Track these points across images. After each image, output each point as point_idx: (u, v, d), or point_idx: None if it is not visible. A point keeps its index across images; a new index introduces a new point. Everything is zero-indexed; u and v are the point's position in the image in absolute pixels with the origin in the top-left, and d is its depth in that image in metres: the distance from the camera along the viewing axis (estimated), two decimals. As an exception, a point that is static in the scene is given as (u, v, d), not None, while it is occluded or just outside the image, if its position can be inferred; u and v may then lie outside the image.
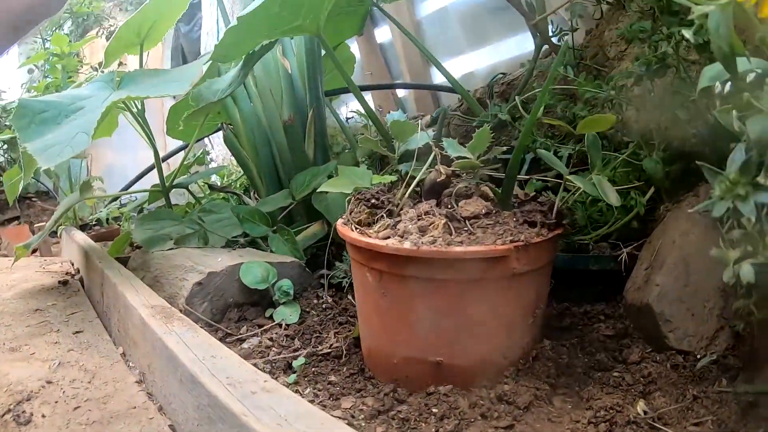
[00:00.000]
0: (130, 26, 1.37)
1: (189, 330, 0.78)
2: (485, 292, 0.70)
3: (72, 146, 1.01)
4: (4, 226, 3.33)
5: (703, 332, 0.73)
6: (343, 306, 1.05)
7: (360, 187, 0.92)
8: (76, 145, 1.01)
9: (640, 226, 0.89)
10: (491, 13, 1.85)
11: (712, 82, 0.56)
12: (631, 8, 0.94)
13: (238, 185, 2.04)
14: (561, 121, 0.86)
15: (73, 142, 1.02)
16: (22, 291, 1.36)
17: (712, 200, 0.49)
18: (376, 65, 2.34)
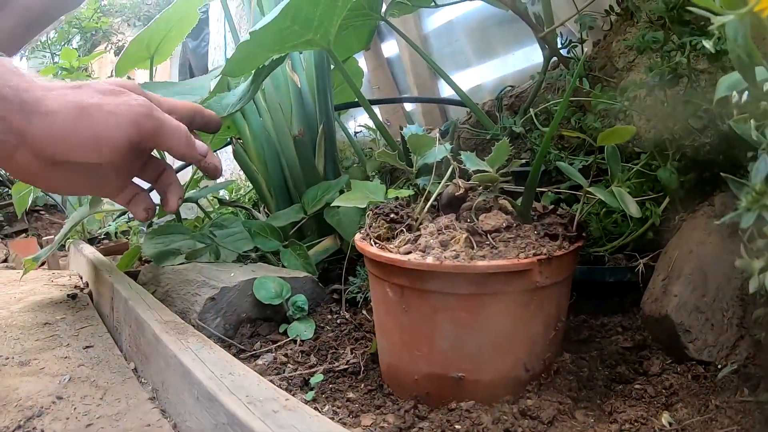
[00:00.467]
0: (140, 41, 1.38)
1: (204, 346, 0.77)
2: (508, 305, 0.69)
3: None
4: (12, 238, 3.34)
5: (723, 342, 0.72)
6: (359, 321, 1.05)
7: (374, 201, 0.91)
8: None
9: (656, 236, 0.88)
10: (498, 25, 1.86)
11: (729, 92, 0.56)
12: (640, 19, 0.94)
13: (247, 200, 2.04)
14: (578, 133, 0.86)
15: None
16: (30, 304, 1.35)
17: (739, 211, 0.48)
18: (384, 79, 2.35)
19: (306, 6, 1.02)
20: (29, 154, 0.61)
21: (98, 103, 0.61)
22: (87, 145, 0.61)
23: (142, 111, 0.63)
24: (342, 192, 1.27)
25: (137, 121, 0.63)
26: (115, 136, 0.62)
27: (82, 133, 0.60)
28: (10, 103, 0.58)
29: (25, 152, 0.61)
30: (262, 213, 1.65)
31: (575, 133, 0.86)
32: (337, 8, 1.07)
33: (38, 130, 0.59)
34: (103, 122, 0.61)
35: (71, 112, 0.60)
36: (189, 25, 1.44)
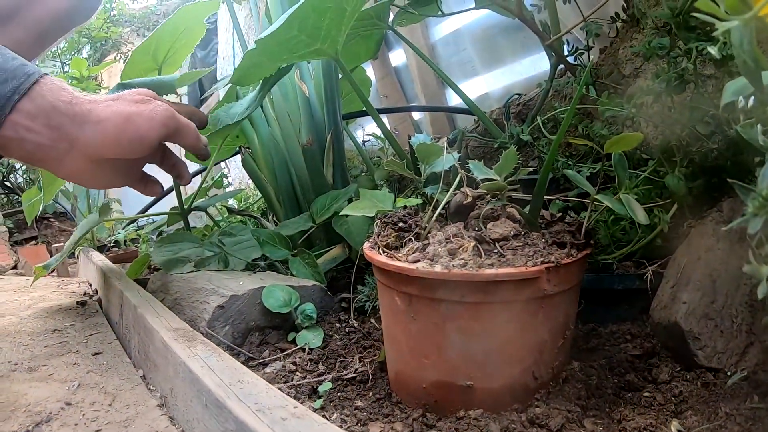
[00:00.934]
0: (145, 51, 1.39)
1: (213, 354, 0.78)
2: (516, 313, 0.69)
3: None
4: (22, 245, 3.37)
5: (733, 348, 0.71)
6: (367, 330, 1.05)
7: (383, 210, 0.91)
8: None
9: (664, 243, 0.88)
10: (505, 34, 1.87)
11: (735, 97, 0.56)
12: (647, 25, 0.94)
13: (255, 208, 2.05)
14: (586, 140, 0.86)
15: None
16: (40, 310, 1.36)
17: (746, 217, 0.48)
18: (391, 88, 2.35)
19: (313, 15, 1.03)
20: (80, 156, 0.73)
21: (137, 111, 0.76)
22: (133, 144, 0.75)
23: (168, 114, 0.79)
24: (350, 201, 1.28)
25: (166, 123, 0.78)
26: (152, 136, 0.77)
27: (129, 135, 0.74)
28: (64, 115, 0.71)
29: (76, 155, 0.73)
30: (270, 222, 1.65)
31: (583, 141, 0.86)
32: (345, 18, 1.08)
33: (91, 136, 0.72)
34: (144, 126, 0.76)
35: (119, 120, 0.74)
36: (197, 35, 1.45)
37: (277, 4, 1.42)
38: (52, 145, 0.72)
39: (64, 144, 0.72)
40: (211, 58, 4.15)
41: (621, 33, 1.12)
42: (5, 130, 0.69)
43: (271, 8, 1.45)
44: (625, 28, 1.10)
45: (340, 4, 1.04)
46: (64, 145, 0.72)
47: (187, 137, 0.84)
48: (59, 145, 0.72)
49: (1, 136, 0.69)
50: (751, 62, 0.45)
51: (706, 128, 0.77)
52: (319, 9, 1.02)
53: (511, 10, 1.16)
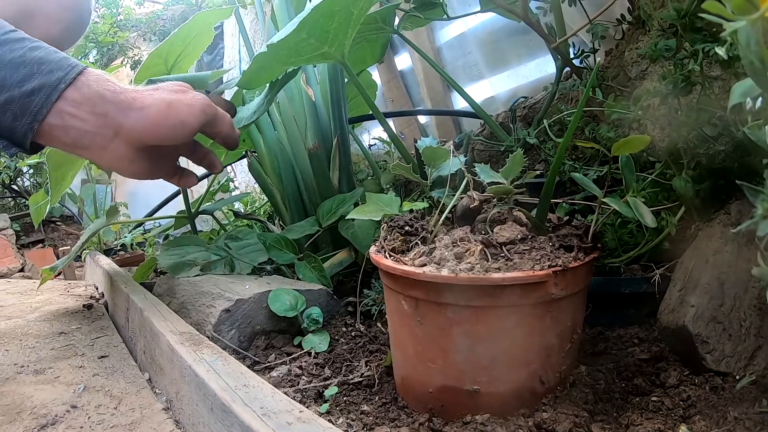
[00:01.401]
0: (158, 55, 1.39)
1: (219, 358, 0.78)
2: (523, 317, 0.69)
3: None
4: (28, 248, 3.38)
5: (741, 352, 0.71)
6: (373, 334, 1.05)
7: (389, 214, 0.91)
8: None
9: (672, 246, 0.88)
10: (511, 37, 1.86)
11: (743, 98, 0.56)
12: (652, 27, 0.93)
13: (261, 212, 2.05)
14: (592, 143, 0.85)
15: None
16: (46, 313, 1.36)
17: (755, 219, 0.48)
18: (397, 92, 2.35)
19: (322, 19, 1.03)
20: (123, 143, 0.76)
21: (178, 99, 0.79)
22: (175, 129, 0.78)
23: (206, 102, 0.82)
24: (357, 205, 1.28)
25: (205, 110, 0.81)
26: (193, 122, 0.79)
27: (171, 120, 0.77)
28: (110, 103, 0.74)
29: (120, 142, 0.76)
30: (276, 226, 1.65)
31: (589, 144, 0.86)
32: (352, 22, 1.08)
33: (136, 122, 0.75)
34: (185, 112, 0.78)
35: (162, 106, 0.77)
36: (206, 41, 1.46)
37: (283, 9, 1.42)
38: (98, 131, 0.74)
39: (109, 131, 0.75)
40: (217, 62, 4.16)
41: (627, 35, 1.11)
42: (51, 118, 0.72)
43: (277, 13, 1.45)
44: (631, 30, 1.09)
45: (347, 7, 1.04)
46: (109, 132, 0.75)
47: (223, 125, 0.87)
48: (104, 132, 0.75)
49: (46, 123, 0.72)
50: (759, 63, 0.45)
51: (713, 130, 0.77)
52: (328, 12, 1.02)
53: (517, 13, 1.16)
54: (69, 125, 0.73)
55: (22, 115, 0.71)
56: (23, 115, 0.71)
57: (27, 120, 0.71)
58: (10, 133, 0.73)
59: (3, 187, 3.91)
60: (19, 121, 0.71)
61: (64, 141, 0.74)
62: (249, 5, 2.01)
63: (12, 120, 0.71)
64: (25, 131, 0.72)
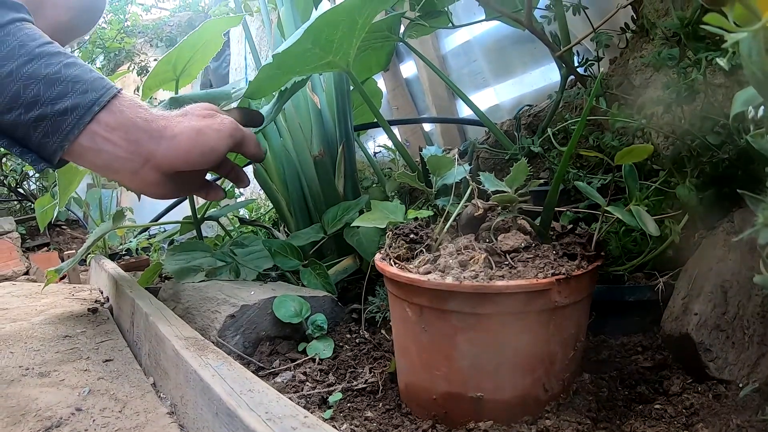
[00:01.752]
0: (167, 62, 1.41)
1: (224, 363, 0.78)
2: (527, 325, 0.69)
3: None
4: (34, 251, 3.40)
5: (745, 360, 0.71)
6: (377, 341, 1.05)
7: (394, 221, 0.91)
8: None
9: (676, 254, 0.88)
10: (515, 45, 1.87)
11: (745, 107, 0.56)
12: (656, 35, 0.94)
13: (266, 219, 2.06)
14: (596, 152, 0.86)
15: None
16: (51, 316, 1.37)
17: (756, 227, 0.48)
18: (402, 100, 2.36)
19: (327, 28, 1.04)
20: (154, 170, 0.78)
21: (206, 125, 0.81)
22: (205, 155, 0.80)
23: (233, 126, 0.84)
24: (362, 212, 1.28)
25: (233, 135, 0.83)
26: (222, 147, 0.82)
27: (201, 148, 0.79)
28: (143, 131, 0.75)
29: (150, 169, 0.78)
30: (281, 232, 1.66)
31: (593, 153, 0.86)
32: (356, 30, 1.09)
33: (166, 150, 0.77)
34: (214, 138, 0.81)
35: (192, 134, 0.79)
36: (214, 49, 1.47)
37: (289, 17, 1.43)
38: (129, 158, 0.76)
39: (140, 158, 0.76)
40: (223, 69, 4.18)
41: (631, 43, 1.12)
42: (83, 139, 0.73)
43: (283, 21, 1.46)
44: (635, 38, 1.10)
45: (351, 16, 1.05)
46: (140, 159, 0.77)
47: (249, 146, 0.89)
48: (136, 159, 0.76)
49: (78, 144, 0.73)
50: (760, 73, 0.45)
51: (717, 138, 0.77)
52: (332, 22, 1.03)
53: (521, 21, 1.16)
54: (101, 149, 0.74)
55: (53, 134, 0.72)
56: (54, 134, 0.72)
57: (58, 139, 0.72)
58: (38, 149, 0.73)
59: (9, 190, 3.94)
60: (49, 138, 0.72)
61: (95, 163, 0.76)
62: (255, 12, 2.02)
63: (42, 137, 0.72)
64: (55, 149, 0.72)
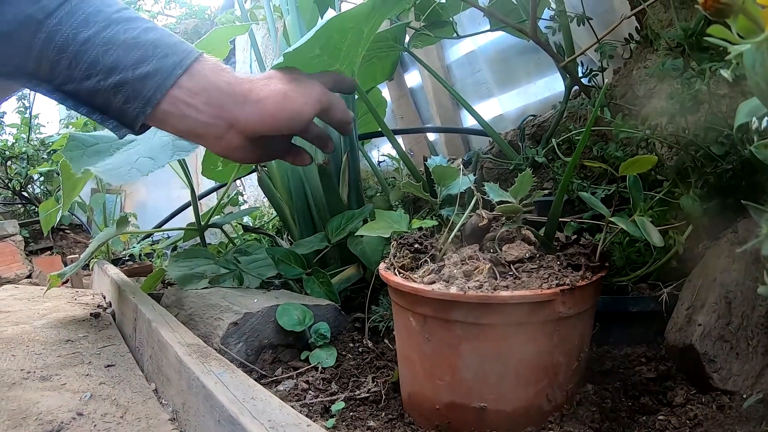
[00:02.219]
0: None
1: (227, 370, 0.78)
2: (531, 336, 0.69)
3: (137, 168, 1.06)
4: (37, 255, 3.40)
5: (749, 371, 0.71)
6: (380, 350, 1.05)
7: (398, 231, 0.91)
8: (141, 168, 1.07)
9: (680, 265, 0.88)
10: (520, 55, 1.88)
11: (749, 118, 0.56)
12: (660, 46, 0.94)
13: (270, 227, 2.06)
14: (600, 163, 0.86)
15: (138, 165, 1.08)
16: (53, 320, 1.37)
17: (760, 238, 0.48)
18: (407, 109, 2.37)
19: (336, 35, 1.04)
20: (238, 134, 0.76)
21: (292, 89, 0.78)
22: (291, 120, 0.78)
23: (321, 91, 0.81)
24: (366, 221, 1.28)
25: (320, 100, 0.80)
26: (309, 112, 0.79)
27: (287, 113, 0.77)
28: (226, 95, 0.74)
29: (234, 133, 0.76)
30: (285, 240, 1.66)
31: (597, 163, 0.87)
32: (362, 40, 1.09)
33: (251, 115, 0.75)
34: (300, 102, 0.78)
35: (277, 98, 0.76)
36: (220, 56, 1.47)
37: (296, 26, 1.44)
38: (212, 122, 0.74)
39: (224, 122, 0.75)
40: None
41: (635, 54, 1.12)
42: (165, 105, 0.71)
43: (289, 29, 1.47)
44: (639, 49, 1.10)
45: (359, 25, 1.05)
46: (224, 124, 0.75)
47: (336, 112, 0.85)
48: (219, 123, 0.75)
49: (160, 110, 0.71)
50: (764, 84, 0.45)
51: (721, 149, 0.77)
52: (341, 30, 1.03)
53: (526, 32, 1.17)
54: (184, 114, 0.72)
55: (134, 99, 0.70)
56: (135, 100, 0.70)
57: (139, 104, 0.70)
58: (119, 114, 0.72)
59: (14, 193, 3.96)
60: (130, 104, 0.70)
61: (178, 128, 0.74)
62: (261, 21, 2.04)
63: (123, 102, 0.70)
64: (136, 115, 0.71)
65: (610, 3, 1.40)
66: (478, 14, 1.32)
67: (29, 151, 3.87)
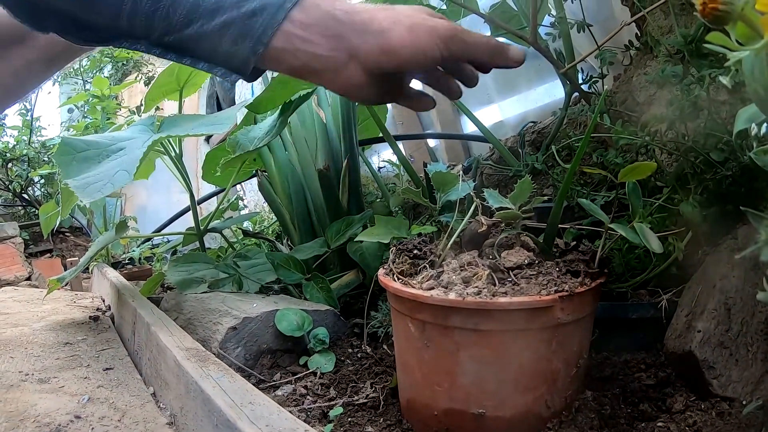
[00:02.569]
0: (170, 73, 1.42)
1: (225, 374, 0.78)
2: (530, 342, 0.69)
3: (112, 183, 1.04)
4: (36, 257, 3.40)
5: (748, 377, 0.71)
6: (379, 356, 1.04)
7: (398, 237, 0.92)
8: (116, 182, 1.05)
9: (679, 271, 0.87)
10: (520, 62, 1.87)
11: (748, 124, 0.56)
12: (660, 53, 0.94)
13: (270, 232, 2.06)
14: (599, 169, 0.86)
15: (114, 179, 1.05)
16: (52, 323, 1.37)
17: (759, 244, 0.48)
18: (407, 115, 2.37)
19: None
20: (359, 68, 0.69)
21: (418, 23, 0.70)
22: (415, 56, 0.69)
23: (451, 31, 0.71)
24: (365, 227, 1.28)
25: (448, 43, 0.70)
26: (435, 53, 0.70)
27: (411, 49, 0.69)
28: (344, 24, 0.67)
29: (355, 67, 0.69)
30: (285, 245, 1.66)
31: (597, 170, 0.87)
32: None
33: (372, 46, 0.68)
34: (426, 38, 0.69)
35: (402, 29, 0.68)
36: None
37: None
38: (330, 55, 0.68)
39: (343, 54, 0.68)
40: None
41: (635, 60, 1.12)
42: (277, 41, 0.66)
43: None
44: (639, 55, 1.10)
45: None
46: (344, 56, 0.69)
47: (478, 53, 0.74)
48: (338, 56, 0.68)
49: (273, 48, 0.66)
50: (763, 91, 0.45)
51: (720, 155, 0.77)
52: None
53: (526, 39, 1.17)
54: (298, 48, 0.66)
55: (242, 39, 0.65)
56: (244, 39, 0.65)
57: (249, 44, 0.65)
58: (227, 59, 0.67)
59: (14, 195, 3.96)
60: (239, 45, 0.65)
61: (293, 65, 0.68)
62: None
63: (231, 44, 0.65)
64: (247, 56, 0.66)
65: (610, 10, 1.40)
66: (478, 21, 1.32)
67: (30, 154, 3.87)
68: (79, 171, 1.11)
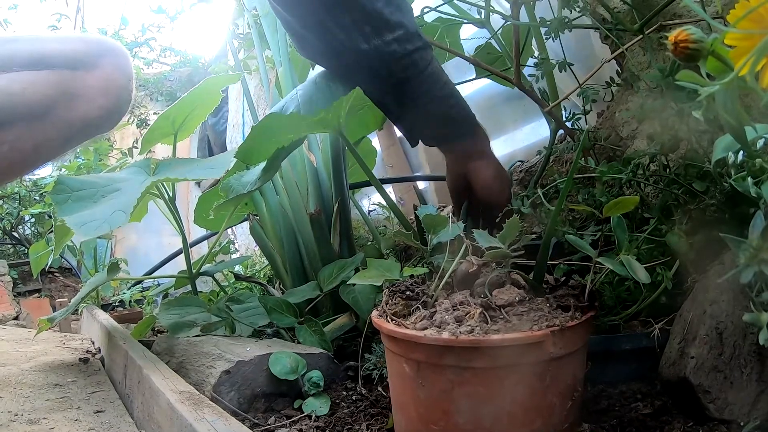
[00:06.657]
0: (167, 117, 1.44)
1: (220, 418, 0.78)
2: (524, 377, 0.69)
3: (109, 223, 1.06)
4: (25, 297, 3.37)
5: (744, 399, 0.71)
6: (374, 398, 1.04)
7: (390, 279, 0.92)
8: (113, 222, 1.06)
9: (669, 300, 0.89)
10: (506, 102, 1.91)
11: (725, 153, 0.59)
12: (640, 87, 0.97)
13: (261, 275, 2.06)
14: (585, 206, 0.88)
15: (111, 219, 1.06)
16: (41, 364, 1.35)
17: (739, 268, 0.50)
18: (396, 157, 2.40)
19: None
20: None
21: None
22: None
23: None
24: (357, 270, 1.29)
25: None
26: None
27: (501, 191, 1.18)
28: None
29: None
30: (277, 289, 1.66)
31: (582, 207, 0.89)
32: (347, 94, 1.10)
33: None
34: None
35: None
36: (212, 104, 1.50)
37: (288, 76, 1.47)
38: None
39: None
40: (221, 125, 4.25)
41: (616, 96, 1.15)
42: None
43: (281, 80, 1.50)
44: (620, 91, 1.13)
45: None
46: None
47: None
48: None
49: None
50: (735, 122, 0.47)
51: (702, 185, 0.79)
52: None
53: (510, 80, 1.20)
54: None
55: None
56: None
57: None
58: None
59: (4, 233, 3.93)
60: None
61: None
62: (254, 71, 2.08)
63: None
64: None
65: (590, 48, 1.44)
66: (464, 63, 1.36)
67: (21, 192, 3.85)
68: (74, 209, 1.11)
